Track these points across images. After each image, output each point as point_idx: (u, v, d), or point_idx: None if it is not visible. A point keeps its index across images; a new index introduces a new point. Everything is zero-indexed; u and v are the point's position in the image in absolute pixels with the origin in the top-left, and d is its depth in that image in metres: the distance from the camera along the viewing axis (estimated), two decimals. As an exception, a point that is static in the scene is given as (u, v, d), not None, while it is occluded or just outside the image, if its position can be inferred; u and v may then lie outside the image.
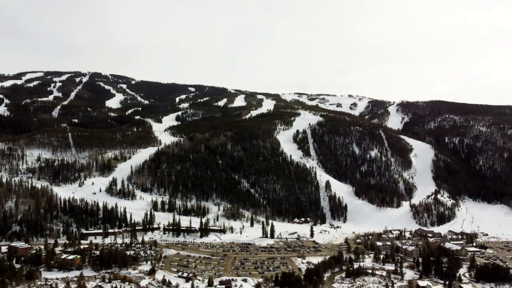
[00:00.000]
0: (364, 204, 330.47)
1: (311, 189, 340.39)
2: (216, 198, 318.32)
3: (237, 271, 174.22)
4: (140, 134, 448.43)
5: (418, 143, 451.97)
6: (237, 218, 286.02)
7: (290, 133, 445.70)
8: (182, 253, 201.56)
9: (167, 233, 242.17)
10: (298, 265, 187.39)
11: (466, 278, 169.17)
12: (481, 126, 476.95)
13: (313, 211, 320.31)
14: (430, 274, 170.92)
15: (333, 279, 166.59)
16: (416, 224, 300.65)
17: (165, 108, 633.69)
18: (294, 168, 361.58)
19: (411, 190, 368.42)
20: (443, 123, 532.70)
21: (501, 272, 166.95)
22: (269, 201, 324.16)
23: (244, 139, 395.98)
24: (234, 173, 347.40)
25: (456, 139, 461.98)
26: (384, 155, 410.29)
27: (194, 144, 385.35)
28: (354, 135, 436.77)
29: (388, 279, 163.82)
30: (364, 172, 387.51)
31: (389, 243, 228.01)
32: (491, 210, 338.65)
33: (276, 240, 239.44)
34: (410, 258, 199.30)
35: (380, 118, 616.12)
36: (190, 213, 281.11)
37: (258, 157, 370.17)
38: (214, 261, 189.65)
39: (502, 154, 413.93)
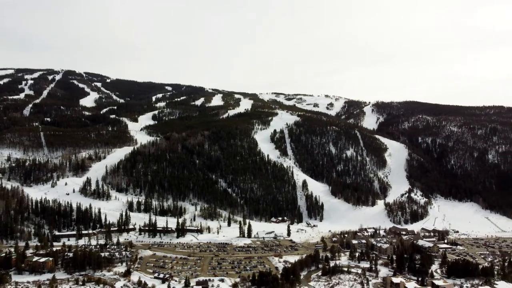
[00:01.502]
0: (340, 203, 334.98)
1: (288, 188, 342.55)
2: (193, 198, 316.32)
3: (214, 271, 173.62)
4: (115, 133, 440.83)
5: (393, 143, 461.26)
6: (214, 218, 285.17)
7: (268, 132, 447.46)
8: (159, 253, 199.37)
9: (143, 233, 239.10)
10: (275, 264, 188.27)
11: (438, 274, 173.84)
12: (452, 126, 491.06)
13: (290, 210, 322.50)
14: (403, 271, 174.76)
15: (309, 278, 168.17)
16: (390, 222, 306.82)
17: (141, 107, 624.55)
18: (272, 167, 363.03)
19: (386, 189, 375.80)
20: (417, 123, 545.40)
21: (471, 268, 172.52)
22: (246, 201, 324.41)
23: (222, 139, 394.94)
24: (211, 172, 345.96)
25: (429, 139, 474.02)
26: (359, 154, 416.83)
27: (170, 143, 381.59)
28: (331, 135, 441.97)
29: (363, 276, 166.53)
30: (340, 171, 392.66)
31: (365, 241, 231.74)
32: (461, 208, 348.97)
33: (253, 240, 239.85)
34: (384, 256, 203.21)
35: (356, 118, 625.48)
36: (166, 214, 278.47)
37: (235, 156, 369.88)
38: (191, 261, 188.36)
39: (472, 153, 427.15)
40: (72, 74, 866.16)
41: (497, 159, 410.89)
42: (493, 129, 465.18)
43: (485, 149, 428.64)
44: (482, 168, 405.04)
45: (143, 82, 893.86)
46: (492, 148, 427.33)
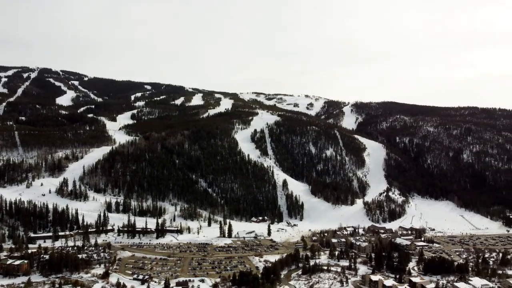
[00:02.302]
0: (320, 202, 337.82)
1: (268, 188, 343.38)
2: (173, 198, 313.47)
3: (195, 272, 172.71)
4: (93, 133, 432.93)
5: (371, 143, 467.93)
6: (195, 218, 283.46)
7: (248, 132, 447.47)
8: (138, 254, 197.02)
9: (121, 234, 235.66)
10: (256, 263, 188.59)
11: (415, 271, 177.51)
12: (429, 127, 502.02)
13: (271, 210, 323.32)
14: (382, 268, 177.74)
15: (290, 277, 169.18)
16: (369, 220, 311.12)
17: (119, 106, 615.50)
18: (252, 167, 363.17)
19: (365, 188, 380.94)
20: (395, 123, 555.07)
21: (447, 264, 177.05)
22: (226, 201, 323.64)
23: (202, 138, 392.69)
24: (191, 172, 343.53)
25: (406, 138, 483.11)
26: (339, 154, 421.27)
27: (150, 143, 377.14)
28: (311, 135, 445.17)
29: (342, 275, 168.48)
30: (320, 171, 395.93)
31: (344, 240, 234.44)
32: (437, 206, 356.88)
33: (234, 240, 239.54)
34: (363, 254, 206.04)
35: (335, 118, 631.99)
36: (146, 214, 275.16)
37: (215, 156, 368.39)
38: (170, 262, 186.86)
39: (448, 153, 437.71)
40: (48, 72, 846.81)
41: (471, 159, 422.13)
42: (468, 129, 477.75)
43: (460, 148, 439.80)
44: (457, 168, 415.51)
45: (122, 81, 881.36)
46: (467, 148, 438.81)
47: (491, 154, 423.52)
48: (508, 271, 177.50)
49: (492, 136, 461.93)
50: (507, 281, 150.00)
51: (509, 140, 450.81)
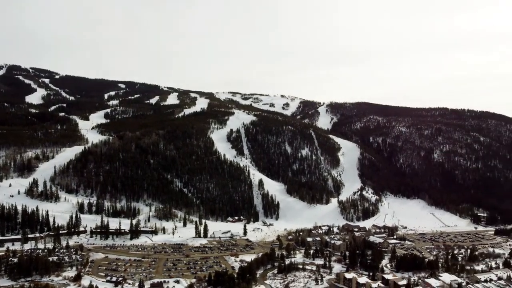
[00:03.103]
0: (296, 202, 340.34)
1: (244, 187, 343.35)
2: (148, 199, 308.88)
3: (169, 273, 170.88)
4: (64, 132, 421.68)
5: (346, 143, 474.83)
6: (170, 218, 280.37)
7: (224, 132, 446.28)
8: (111, 256, 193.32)
9: (94, 236, 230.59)
10: (232, 263, 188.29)
11: (388, 268, 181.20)
12: (401, 127, 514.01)
13: (247, 210, 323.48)
14: (356, 266, 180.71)
15: (266, 276, 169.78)
16: (343, 219, 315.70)
17: (92, 105, 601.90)
18: (228, 167, 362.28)
19: (339, 187, 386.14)
20: (368, 123, 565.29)
21: (418, 261, 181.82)
22: (202, 201, 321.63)
23: (177, 138, 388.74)
24: (166, 172, 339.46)
25: (380, 138, 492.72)
26: (314, 154, 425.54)
27: (124, 143, 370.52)
28: (286, 135, 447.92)
29: (317, 273, 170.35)
30: (296, 171, 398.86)
31: (319, 239, 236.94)
32: (409, 204, 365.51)
33: (209, 240, 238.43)
34: (338, 252, 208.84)
35: (311, 118, 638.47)
36: (119, 215, 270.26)
37: (191, 156, 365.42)
38: (145, 263, 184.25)
39: (419, 152, 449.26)
40: (17, 69, 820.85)
41: (442, 158, 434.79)
42: (438, 130, 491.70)
43: (431, 148, 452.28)
44: (428, 167, 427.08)
45: (95, 79, 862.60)
46: (437, 148, 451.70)
47: (460, 154, 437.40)
48: (476, 267, 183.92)
49: (461, 136, 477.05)
50: (475, 276, 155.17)
51: (477, 140, 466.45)
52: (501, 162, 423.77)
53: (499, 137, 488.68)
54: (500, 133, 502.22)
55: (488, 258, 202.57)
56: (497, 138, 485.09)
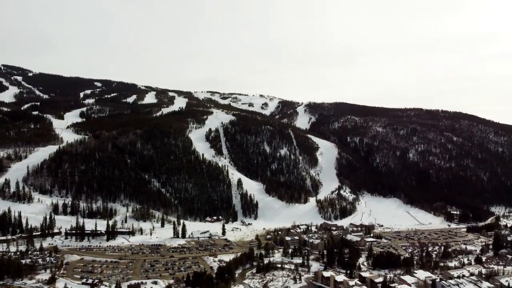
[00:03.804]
0: (274, 201, 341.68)
1: (223, 187, 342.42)
2: (125, 199, 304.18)
3: (147, 274, 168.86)
4: (38, 131, 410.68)
5: (324, 142, 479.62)
6: (147, 219, 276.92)
7: (203, 131, 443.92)
8: (87, 258, 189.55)
9: (69, 237, 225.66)
10: (210, 263, 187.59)
11: (365, 266, 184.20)
12: (378, 127, 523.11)
13: (225, 209, 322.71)
14: (333, 264, 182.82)
15: (244, 276, 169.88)
16: (321, 218, 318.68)
17: (67, 104, 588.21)
18: (207, 166, 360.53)
19: (317, 187, 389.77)
20: (346, 123, 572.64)
21: (394, 259, 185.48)
22: (180, 201, 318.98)
23: (155, 138, 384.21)
24: (144, 172, 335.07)
25: (357, 138, 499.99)
26: (293, 153, 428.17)
27: (100, 142, 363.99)
28: (265, 134, 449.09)
29: (296, 272, 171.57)
30: (274, 170, 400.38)
31: (297, 238, 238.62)
32: (386, 203, 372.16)
33: (187, 240, 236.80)
34: (316, 251, 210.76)
35: (289, 118, 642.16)
36: (95, 216, 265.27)
37: (169, 156, 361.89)
38: (122, 264, 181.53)
39: (395, 152, 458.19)
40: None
41: (417, 158, 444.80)
42: (413, 130, 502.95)
43: (406, 148, 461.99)
44: (404, 166, 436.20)
45: (70, 77, 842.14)
46: (412, 147, 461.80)
47: (434, 153, 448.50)
48: (449, 263, 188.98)
49: (435, 136, 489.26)
50: (448, 273, 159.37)
51: (450, 140, 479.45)
52: (473, 161, 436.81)
53: (471, 137, 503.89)
54: (472, 133, 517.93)
55: (460, 255, 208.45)
56: (469, 138, 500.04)
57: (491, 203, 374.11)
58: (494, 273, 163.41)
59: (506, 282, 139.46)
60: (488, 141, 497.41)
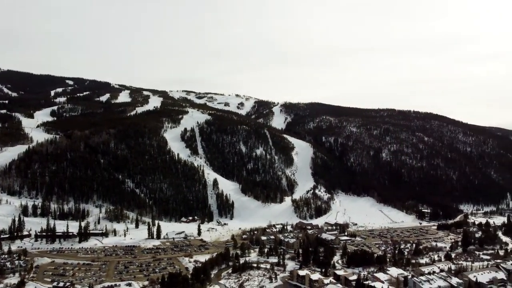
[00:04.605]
0: (250, 201, 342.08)
1: (198, 187, 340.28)
2: (98, 200, 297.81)
3: (121, 276, 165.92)
4: (6, 130, 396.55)
5: (299, 142, 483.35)
6: (121, 220, 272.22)
7: (178, 131, 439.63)
8: (58, 261, 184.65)
9: (39, 240, 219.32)
10: (186, 264, 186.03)
11: (340, 264, 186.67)
12: (352, 127, 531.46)
13: (201, 210, 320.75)
14: (309, 263, 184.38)
15: (220, 276, 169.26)
16: (297, 217, 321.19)
17: (38, 102, 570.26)
18: (182, 166, 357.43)
19: (293, 186, 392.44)
20: (321, 123, 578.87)
21: (367, 257, 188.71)
22: (155, 201, 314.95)
23: (129, 137, 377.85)
24: (117, 172, 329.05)
25: (332, 138, 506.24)
26: (268, 153, 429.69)
27: (72, 142, 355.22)
28: (241, 134, 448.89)
29: (271, 271, 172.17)
30: (250, 170, 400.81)
31: (273, 237, 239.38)
32: (359, 202, 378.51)
33: (162, 241, 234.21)
34: (291, 250, 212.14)
35: (265, 118, 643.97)
36: (67, 217, 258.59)
37: (144, 155, 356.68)
38: (95, 267, 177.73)
39: (369, 152, 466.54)
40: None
41: (389, 157, 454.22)
42: (386, 130, 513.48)
43: (380, 148, 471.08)
44: (377, 166, 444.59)
45: (41, 75, 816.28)
46: (385, 147, 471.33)
47: (406, 153, 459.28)
48: (420, 260, 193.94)
49: (407, 136, 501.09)
50: (419, 269, 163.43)
51: (421, 140, 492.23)
52: (443, 160, 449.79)
53: (441, 137, 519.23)
54: (442, 133, 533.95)
55: (431, 252, 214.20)
56: (440, 138, 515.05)
57: (460, 202, 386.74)
58: (463, 269, 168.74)
59: (474, 278, 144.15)
60: (457, 141, 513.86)
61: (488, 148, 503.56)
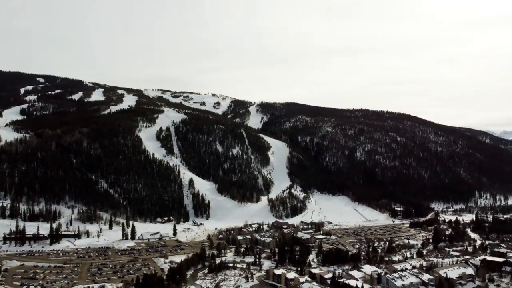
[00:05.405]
0: (226, 201, 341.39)
1: (174, 187, 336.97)
2: (70, 201, 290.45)
3: (94, 278, 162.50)
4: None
5: (276, 142, 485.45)
6: (94, 221, 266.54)
7: (153, 130, 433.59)
8: (28, 263, 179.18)
9: (8, 242, 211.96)
10: (161, 265, 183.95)
11: (315, 263, 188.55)
12: (327, 127, 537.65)
13: (177, 210, 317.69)
14: (285, 262, 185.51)
15: (196, 276, 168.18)
16: (273, 217, 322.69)
17: (6, 100, 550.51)
18: (157, 166, 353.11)
19: (269, 186, 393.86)
20: (297, 123, 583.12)
21: (342, 255, 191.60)
22: (130, 202, 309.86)
23: (103, 137, 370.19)
24: (90, 172, 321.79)
25: (308, 138, 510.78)
26: (245, 153, 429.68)
27: (43, 141, 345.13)
28: (218, 134, 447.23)
29: (248, 270, 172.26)
30: (227, 170, 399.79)
31: (249, 237, 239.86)
32: (334, 201, 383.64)
33: (137, 242, 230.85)
34: (268, 249, 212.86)
35: (241, 118, 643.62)
36: (38, 219, 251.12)
37: (118, 155, 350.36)
38: (67, 269, 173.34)
39: (344, 151, 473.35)
40: None
41: (364, 157, 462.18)
42: (361, 130, 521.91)
43: (354, 147, 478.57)
44: (352, 165, 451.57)
45: (9, 72, 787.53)
46: (360, 147, 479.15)
47: (380, 153, 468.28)
48: (393, 258, 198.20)
49: (381, 136, 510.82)
50: (392, 266, 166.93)
51: (394, 140, 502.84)
52: (415, 160, 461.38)
53: (414, 137, 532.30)
54: (415, 133, 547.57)
55: (404, 249, 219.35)
56: (412, 138, 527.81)
57: (431, 200, 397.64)
58: (434, 265, 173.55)
59: (444, 274, 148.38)
60: (428, 141, 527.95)
61: (457, 148, 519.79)
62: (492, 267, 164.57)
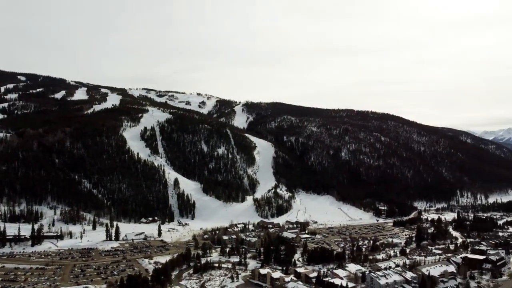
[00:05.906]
0: (212, 200, 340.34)
1: (159, 187, 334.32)
2: (52, 201, 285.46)
3: (77, 280, 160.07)
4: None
5: (261, 141, 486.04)
6: (77, 221, 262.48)
7: (138, 130, 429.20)
8: (8, 265, 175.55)
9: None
10: (145, 266, 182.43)
11: (300, 262, 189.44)
12: (312, 127, 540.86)
13: (161, 210, 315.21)
14: (270, 262, 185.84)
15: (181, 277, 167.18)
16: (258, 216, 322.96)
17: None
18: (142, 166, 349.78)
19: (255, 185, 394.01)
20: (282, 123, 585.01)
21: (327, 254, 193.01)
22: (114, 202, 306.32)
23: (86, 136, 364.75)
24: (73, 173, 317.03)
25: (293, 138, 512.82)
26: (230, 152, 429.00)
27: (24, 141, 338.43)
28: (203, 133, 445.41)
29: (233, 270, 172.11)
30: (212, 169, 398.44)
31: (235, 237, 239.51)
32: (319, 200, 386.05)
33: (121, 243, 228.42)
34: (253, 249, 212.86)
35: (227, 117, 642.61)
36: (19, 220, 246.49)
37: (101, 155, 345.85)
38: (49, 271, 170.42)
39: (329, 151, 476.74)
40: None
41: (348, 156, 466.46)
42: (345, 130, 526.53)
43: (339, 147, 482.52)
44: (336, 165, 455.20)
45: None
46: (344, 147, 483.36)
47: (364, 152, 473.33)
48: (377, 256, 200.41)
49: (365, 136, 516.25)
50: (376, 265, 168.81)
51: (378, 140, 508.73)
52: (398, 160, 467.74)
53: (397, 137, 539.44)
54: (398, 133, 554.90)
55: (387, 248, 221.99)
56: (396, 138, 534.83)
57: (414, 199, 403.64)
58: (417, 263, 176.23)
59: (427, 271, 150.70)
60: (412, 141, 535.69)
61: (440, 148, 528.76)
62: (473, 264, 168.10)
